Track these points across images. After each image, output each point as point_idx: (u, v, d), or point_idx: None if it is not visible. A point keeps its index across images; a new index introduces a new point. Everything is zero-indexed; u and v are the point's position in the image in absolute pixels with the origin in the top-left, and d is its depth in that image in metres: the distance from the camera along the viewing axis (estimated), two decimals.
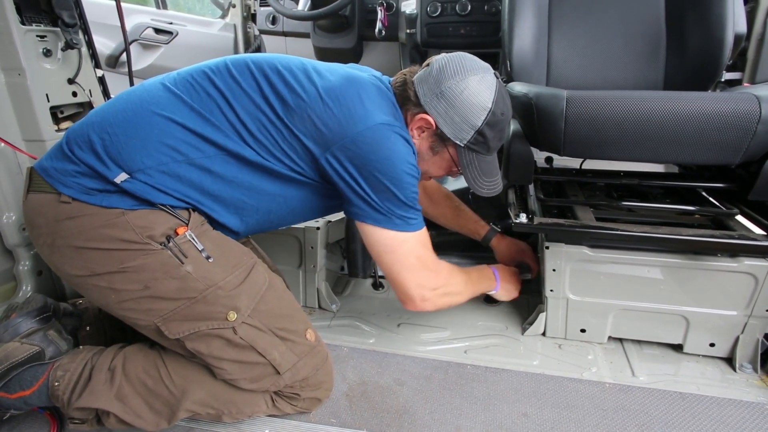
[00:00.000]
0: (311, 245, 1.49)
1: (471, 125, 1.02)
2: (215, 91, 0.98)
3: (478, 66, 1.04)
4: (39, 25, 1.30)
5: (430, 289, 1.11)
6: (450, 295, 1.18)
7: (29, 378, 1.00)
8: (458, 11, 2.02)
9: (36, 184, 0.97)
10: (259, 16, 2.45)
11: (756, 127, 1.01)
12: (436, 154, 1.10)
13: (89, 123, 0.98)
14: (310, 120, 0.97)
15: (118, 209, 0.93)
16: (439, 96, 1.02)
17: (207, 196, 0.99)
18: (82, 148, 0.95)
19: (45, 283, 1.40)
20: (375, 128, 0.97)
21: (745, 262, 1.18)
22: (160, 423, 1.01)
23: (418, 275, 1.08)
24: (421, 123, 1.05)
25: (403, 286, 1.09)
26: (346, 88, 1.01)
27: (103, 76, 1.50)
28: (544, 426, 1.08)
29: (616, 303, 1.30)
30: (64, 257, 0.95)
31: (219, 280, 0.96)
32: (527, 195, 1.39)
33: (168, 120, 0.95)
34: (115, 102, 1.01)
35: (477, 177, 1.09)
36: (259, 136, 0.98)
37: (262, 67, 1.02)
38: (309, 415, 1.12)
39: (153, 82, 1.03)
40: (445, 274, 1.16)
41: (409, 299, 1.11)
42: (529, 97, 1.15)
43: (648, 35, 1.52)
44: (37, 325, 1.06)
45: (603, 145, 1.10)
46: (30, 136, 1.32)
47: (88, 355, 1.04)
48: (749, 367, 1.25)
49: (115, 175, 0.93)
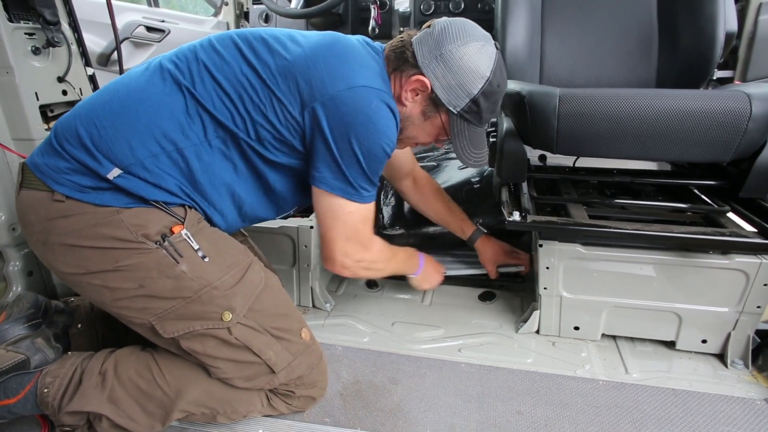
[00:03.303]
0: (305, 244, 1.49)
1: (467, 92, 1.00)
2: (199, 66, 0.97)
3: (480, 34, 1.01)
4: (27, 23, 1.29)
5: (353, 261, 1.12)
6: (371, 270, 1.20)
7: (14, 386, 0.98)
8: (451, 9, 2.02)
9: (28, 180, 0.95)
10: (252, 14, 2.44)
11: (746, 125, 1.01)
12: (427, 120, 1.07)
13: (77, 115, 0.96)
14: (294, 81, 0.95)
15: (113, 207, 0.92)
16: (438, 58, 0.99)
17: (198, 188, 0.98)
18: (71, 143, 0.93)
19: (35, 284, 1.39)
20: (357, 90, 0.95)
21: (737, 259, 1.19)
22: (153, 425, 1.00)
23: (348, 245, 1.09)
24: (416, 85, 1.02)
25: (330, 248, 1.09)
26: (333, 47, 0.99)
27: (94, 74, 1.49)
28: (537, 423, 1.08)
29: (609, 300, 1.30)
30: (58, 255, 0.94)
31: (214, 279, 0.96)
32: (521, 193, 1.39)
33: (154, 106, 0.94)
34: (102, 93, 0.99)
35: (466, 147, 1.08)
36: (240, 105, 0.95)
37: (246, 37, 1.01)
38: (303, 415, 1.12)
39: (138, 69, 1.01)
40: (374, 251, 1.17)
41: (330, 261, 1.11)
42: (521, 95, 1.15)
43: (640, 33, 1.53)
44: (25, 332, 1.04)
45: (595, 143, 1.10)
46: (19, 135, 1.30)
47: (77, 360, 1.02)
48: (740, 363, 1.26)
49: (108, 171, 0.91)
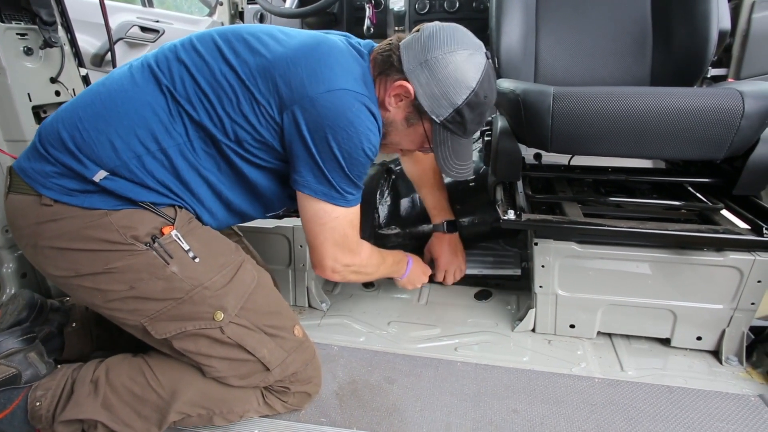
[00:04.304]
0: (300, 244, 1.48)
1: (450, 102, 0.97)
2: (180, 66, 0.96)
3: (470, 42, 0.99)
4: (19, 23, 1.28)
5: (343, 265, 1.10)
6: (360, 274, 1.18)
7: (2, 401, 0.96)
8: (446, 8, 2.02)
9: (16, 185, 0.95)
10: (247, 13, 2.43)
11: (739, 123, 1.01)
12: (410, 127, 1.05)
13: (59, 118, 0.96)
14: (273, 81, 0.93)
15: (101, 210, 0.91)
16: (423, 65, 0.96)
17: (185, 186, 0.97)
18: (55, 147, 0.93)
19: (29, 286, 1.38)
20: (337, 93, 0.92)
21: (731, 256, 1.19)
22: (150, 430, 1.00)
23: (337, 251, 1.07)
24: (399, 90, 1.00)
25: (319, 255, 1.08)
26: (314, 48, 0.97)
27: (87, 75, 1.48)
28: (533, 421, 1.09)
29: (604, 298, 1.31)
30: (48, 258, 0.94)
31: (205, 280, 0.95)
32: (516, 191, 1.39)
33: (136, 107, 0.93)
34: (84, 95, 0.99)
35: (448, 158, 1.05)
36: (218, 106, 0.94)
37: (226, 36, 0.99)
38: (299, 415, 1.12)
39: (120, 71, 1.00)
40: (363, 256, 1.15)
41: (320, 267, 1.10)
42: (516, 94, 1.15)
43: (634, 32, 1.53)
44: (18, 346, 1.03)
45: (590, 141, 1.10)
46: (12, 137, 1.29)
47: (68, 371, 1.02)
48: (735, 360, 1.26)
49: (94, 174, 0.91)
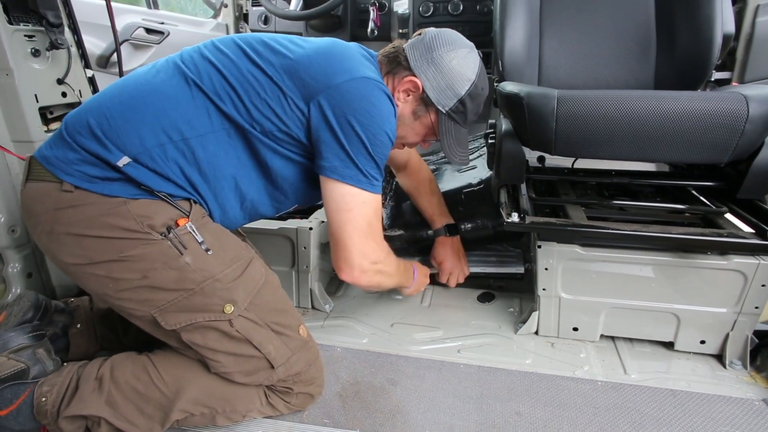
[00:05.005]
0: (304, 246, 1.49)
1: (455, 93, 1.10)
2: (206, 62, 1.02)
3: (465, 43, 1.13)
4: (27, 25, 1.29)
5: (370, 262, 1.10)
6: (383, 274, 1.18)
7: (9, 396, 0.97)
8: (450, 11, 2.03)
9: (36, 172, 0.97)
10: (252, 16, 2.44)
11: (744, 126, 1.02)
12: (417, 119, 1.15)
13: (87, 109, 0.99)
14: (299, 77, 1.01)
15: (120, 198, 0.93)
16: (429, 61, 1.09)
17: (203, 179, 1.00)
18: (82, 134, 0.95)
19: (35, 286, 1.39)
20: (361, 80, 1.01)
21: (735, 259, 1.19)
22: (152, 427, 1.00)
23: (365, 243, 1.07)
24: (408, 85, 1.10)
25: (347, 250, 1.07)
26: (332, 47, 1.07)
27: (93, 77, 1.49)
28: (536, 424, 1.09)
29: (607, 301, 1.30)
30: (62, 245, 0.95)
31: (217, 272, 0.97)
32: (519, 194, 1.40)
33: (162, 97, 0.97)
34: (111, 88, 1.03)
35: (452, 145, 1.17)
36: (246, 99, 0.99)
37: (248, 40, 1.07)
38: (302, 416, 1.12)
39: (145, 68, 1.06)
40: (386, 251, 1.17)
41: (347, 267, 1.08)
42: (520, 97, 1.15)
43: (638, 35, 1.53)
44: (28, 342, 1.04)
45: (594, 145, 1.11)
46: (19, 137, 1.30)
47: (73, 368, 1.03)
48: (739, 364, 1.26)
49: (118, 159, 0.93)
